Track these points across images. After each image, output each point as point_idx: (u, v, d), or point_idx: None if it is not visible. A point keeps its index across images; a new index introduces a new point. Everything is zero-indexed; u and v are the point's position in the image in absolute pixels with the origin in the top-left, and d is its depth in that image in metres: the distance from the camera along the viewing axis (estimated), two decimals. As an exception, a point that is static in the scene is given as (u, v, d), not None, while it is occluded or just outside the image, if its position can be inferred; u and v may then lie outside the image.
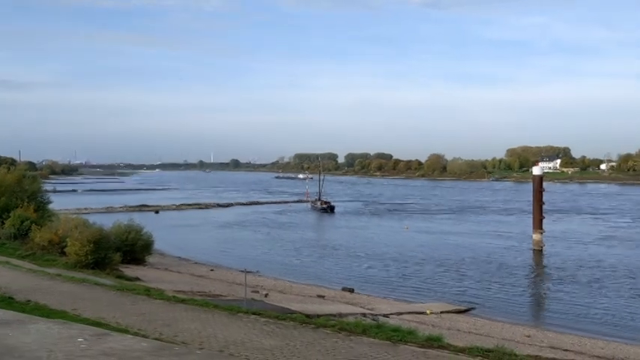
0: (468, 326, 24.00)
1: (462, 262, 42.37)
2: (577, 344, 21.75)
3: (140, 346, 3.72)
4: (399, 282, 35.94)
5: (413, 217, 79.31)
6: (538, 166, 55.15)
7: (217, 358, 5.83)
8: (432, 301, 29.86)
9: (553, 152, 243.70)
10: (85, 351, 3.77)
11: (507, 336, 22.26)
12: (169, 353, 3.76)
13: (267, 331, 12.89)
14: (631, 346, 21.90)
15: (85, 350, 3.78)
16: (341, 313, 22.70)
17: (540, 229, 47.78)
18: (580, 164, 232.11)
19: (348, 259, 44.39)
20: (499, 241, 53.43)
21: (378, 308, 26.32)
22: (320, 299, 28.39)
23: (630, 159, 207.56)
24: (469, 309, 28.69)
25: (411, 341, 11.70)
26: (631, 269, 38.45)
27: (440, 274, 38.00)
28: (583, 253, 45.60)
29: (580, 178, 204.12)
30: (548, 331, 24.69)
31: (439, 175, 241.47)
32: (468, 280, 36.04)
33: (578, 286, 33.76)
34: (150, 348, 3.71)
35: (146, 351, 3.55)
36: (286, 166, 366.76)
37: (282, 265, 42.56)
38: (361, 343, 11.65)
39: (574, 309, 28.89)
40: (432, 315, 25.91)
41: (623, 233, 58.45)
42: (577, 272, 37.89)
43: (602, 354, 19.84)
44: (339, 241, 55.47)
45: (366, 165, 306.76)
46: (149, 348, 3.70)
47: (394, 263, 42.15)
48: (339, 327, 13.07)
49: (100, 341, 3.89)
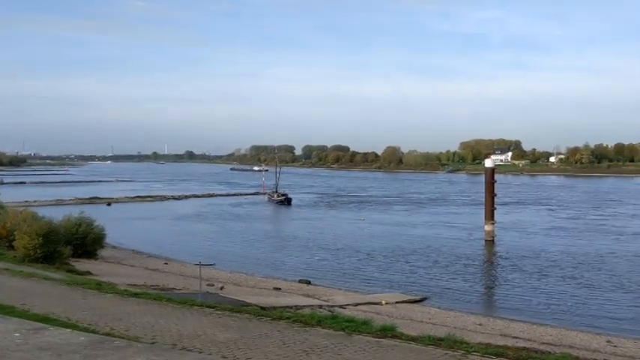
0: (421, 316, 24.38)
1: (416, 252, 42.99)
2: (526, 331, 22.35)
3: (78, 340, 3.59)
4: (355, 273, 36.20)
5: (369, 209, 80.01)
6: (490, 158, 56.45)
7: (155, 351, 5.69)
8: (387, 292, 30.20)
9: (505, 145, 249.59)
10: (20, 346, 3.61)
11: (460, 324, 22.71)
12: (107, 347, 3.64)
13: (222, 324, 12.74)
14: (576, 332, 22.66)
15: (20, 345, 3.62)
16: (297, 305, 22.69)
17: (492, 220, 48.90)
18: (530, 157, 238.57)
19: (304, 251, 44.46)
20: (452, 232, 54.45)
21: (335, 299, 26.45)
22: (276, 291, 28.34)
23: (578, 152, 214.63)
24: (423, 299, 29.14)
25: (365, 331, 11.76)
26: (576, 258, 39.77)
27: (395, 265, 38.46)
28: (532, 243, 46.91)
29: (530, 170, 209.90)
30: (499, 319, 25.27)
31: (395, 167, 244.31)
32: (422, 271, 36.59)
33: (528, 275, 34.71)
34: (87, 342, 3.58)
35: (83, 345, 3.43)
36: (242, 158, 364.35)
37: (238, 257, 42.30)
38: (316, 335, 11.65)
39: (523, 297, 29.69)
40: (387, 305, 26.20)
41: (570, 224, 60.38)
42: (526, 262, 38.96)
43: (550, 340, 20.44)
44: (296, 233, 55.49)
45: (324, 157, 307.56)
46: (86, 342, 3.58)
47: (350, 255, 42.44)
48: (294, 319, 13.04)
49: (37, 336, 3.74)
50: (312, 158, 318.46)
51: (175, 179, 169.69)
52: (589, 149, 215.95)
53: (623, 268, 36.45)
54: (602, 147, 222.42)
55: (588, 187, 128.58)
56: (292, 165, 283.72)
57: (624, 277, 33.82)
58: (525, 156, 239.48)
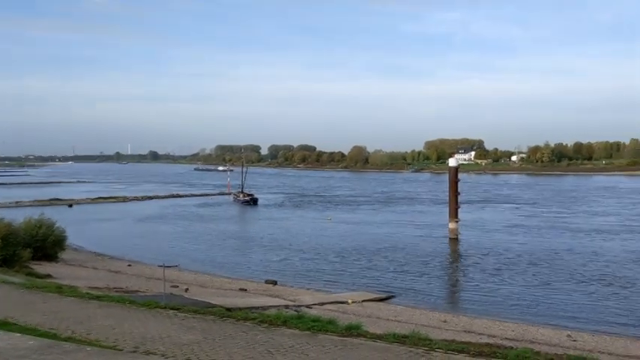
0: (388, 314, 24.54)
1: (382, 251, 43.28)
2: (490, 327, 22.70)
3: (26, 345, 3.49)
4: (322, 273, 36.22)
5: (336, 209, 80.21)
6: (454, 158, 57.08)
7: (106, 354, 5.57)
8: (354, 291, 30.30)
9: (468, 144, 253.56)
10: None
11: (425, 322, 22.93)
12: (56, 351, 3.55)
13: (186, 326, 12.61)
14: (538, 327, 23.13)
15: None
16: (263, 305, 22.57)
17: (456, 218, 49.58)
18: (493, 156, 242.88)
19: (271, 252, 44.30)
20: (417, 231, 55.02)
21: (301, 299, 26.41)
22: (242, 292, 28.15)
23: (538, 151, 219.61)
24: (389, 297, 29.34)
25: (330, 331, 11.79)
26: (537, 255, 40.61)
27: (361, 264, 38.64)
28: (495, 241, 47.73)
29: (493, 169, 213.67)
30: (464, 315, 25.62)
31: (361, 166, 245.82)
32: (388, 269, 36.85)
33: (491, 272, 35.29)
34: (37, 346, 3.49)
35: (32, 349, 3.34)
36: (207, 158, 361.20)
37: (204, 258, 41.90)
38: (281, 335, 11.62)
39: (487, 294, 30.16)
40: (353, 304, 26.29)
41: (531, 221, 61.65)
42: (489, 259, 39.62)
43: (512, 336, 20.80)
44: (262, 233, 55.26)
45: (290, 157, 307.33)
46: (36, 346, 3.49)
47: (317, 254, 42.47)
48: (259, 319, 12.98)
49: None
50: (278, 158, 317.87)
51: (138, 180, 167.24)
52: (549, 148, 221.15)
53: (581, 264, 37.37)
54: (561, 146, 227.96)
55: (549, 185, 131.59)
56: (258, 165, 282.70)
57: (582, 273, 34.67)
58: (488, 155, 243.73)
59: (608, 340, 21.19)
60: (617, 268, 35.70)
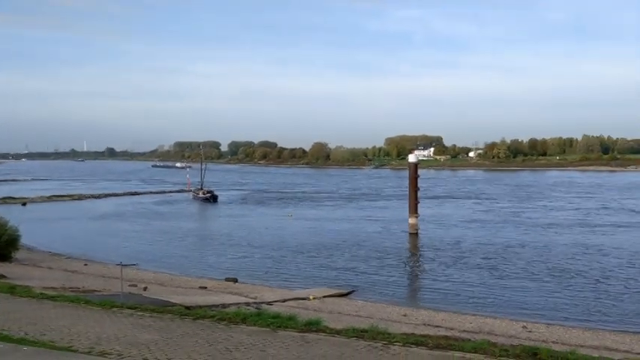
0: (349, 309, 24.65)
1: (344, 247, 43.48)
2: (448, 320, 23.06)
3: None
4: (284, 269, 36.16)
5: (297, 205, 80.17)
6: (414, 154, 57.69)
7: (42, 355, 5.38)
8: (315, 287, 30.35)
9: (428, 141, 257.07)
10: None
11: (385, 316, 23.14)
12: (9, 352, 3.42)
13: (144, 325, 12.41)
14: (494, 320, 23.61)
15: None
16: (224, 303, 22.37)
17: (416, 214, 50.16)
18: (451, 152, 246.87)
19: (231, 249, 43.97)
20: (378, 226, 55.47)
21: (262, 296, 26.30)
22: (202, 290, 27.86)
23: (495, 147, 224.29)
24: (350, 292, 29.48)
25: (290, 327, 11.79)
26: (494, 249, 41.50)
27: (323, 260, 38.73)
28: (454, 235, 48.50)
29: (451, 165, 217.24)
30: (423, 309, 25.93)
31: (323, 163, 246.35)
32: (349, 264, 37.03)
33: (450, 266, 35.86)
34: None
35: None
36: (166, 154, 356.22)
37: (163, 257, 41.27)
38: (241, 332, 11.56)
39: (446, 287, 30.63)
40: (314, 300, 26.31)
41: (489, 216, 62.93)
42: (448, 253, 40.25)
43: (470, 328, 21.19)
44: (222, 230, 54.83)
45: (251, 153, 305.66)
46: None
47: (278, 251, 42.37)
48: (219, 317, 12.89)
49: None
50: (238, 154, 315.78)
51: (95, 177, 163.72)
52: (505, 144, 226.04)
53: (536, 257, 38.33)
54: (517, 142, 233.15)
55: (506, 180, 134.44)
56: (218, 161, 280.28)
57: (536, 266, 35.56)
58: (447, 151, 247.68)
59: (562, 331, 21.79)
60: (569, 261, 36.75)
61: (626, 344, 19.58)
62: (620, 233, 48.51)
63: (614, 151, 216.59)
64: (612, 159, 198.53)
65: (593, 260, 36.83)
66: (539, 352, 10.52)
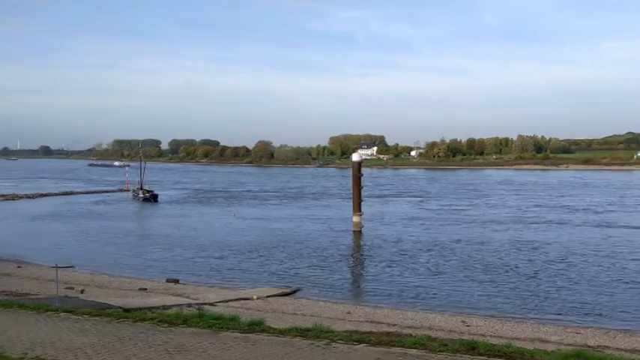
0: (293, 308, 24.63)
1: (287, 246, 43.41)
2: (391, 316, 23.41)
3: None
4: (226, 269, 35.76)
5: (241, 204, 79.50)
6: (357, 153, 58.22)
7: None
8: (258, 286, 30.17)
9: (371, 140, 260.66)
10: None
11: (329, 314, 23.25)
12: None
13: (80, 329, 11.99)
14: (435, 315, 24.13)
15: None
16: (165, 305, 21.94)
17: (359, 212, 50.65)
18: (394, 151, 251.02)
19: (172, 250, 43.13)
20: (323, 225, 55.69)
21: (204, 297, 25.94)
22: (142, 292, 27.23)
23: (435, 146, 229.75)
24: (294, 291, 29.46)
25: (233, 328, 11.66)
26: (435, 246, 42.42)
27: (267, 259, 38.54)
28: (396, 233, 49.27)
29: (394, 164, 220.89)
30: (366, 306, 26.21)
31: (267, 161, 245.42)
32: (293, 263, 37.01)
33: (392, 263, 36.38)
34: None
35: None
36: (104, 153, 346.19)
37: (101, 258, 40.03)
38: (182, 334, 11.34)
39: (389, 284, 31.05)
40: (258, 300, 26.16)
41: (430, 214, 64.28)
42: (391, 250, 40.84)
43: (412, 324, 21.58)
44: (163, 230, 53.74)
45: (192, 152, 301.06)
46: None
47: (221, 251, 41.88)
48: (158, 319, 12.60)
49: None
50: (179, 153, 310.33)
51: (29, 176, 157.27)
52: (445, 144, 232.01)
53: (474, 253, 39.42)
54: (456, 142, 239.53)
55: (446, 179, 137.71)
56: (158, 160, 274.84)
57: (475, 262, 36.59)
58: (389, 150, 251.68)
59: (499, 324, 22.48)
60: (505, 257, 37.98)
61: (558, 335, 20.40)
62: (552, 230, 50.48)
63: (547, 151, 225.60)
64: (545, 158, 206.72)
65: (527, 256, 38.18)
66: (477, 346, 10.80)
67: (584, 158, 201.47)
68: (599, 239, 44.46)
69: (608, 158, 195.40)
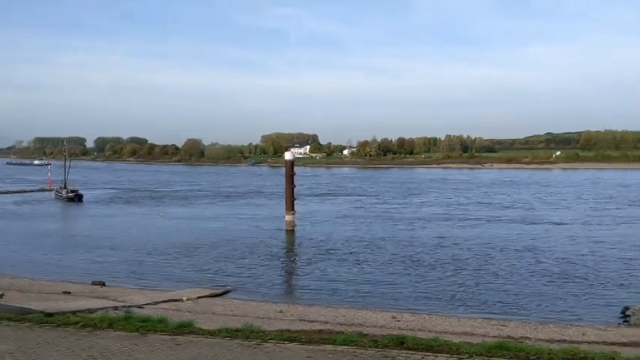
0: (223, 309, 24.34)
1: (219, 245, 42.87)
2: (323, 314, 23.52)
3: None
4: (155, 271, 34.90)
5: (171, 204, 77.93)
6: (290, 151, 58.23)
7: None
8: (188, 287, 29.62)
9: (304, 139, 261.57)
10: None
11: (261, 314, 23.12)
12: None
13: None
14: (366, 311, 24.45)
15: None
16: (90, 308, 21.11)
17: (292, 211, 50.68)
18: (327, 150, 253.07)
19: (98, 251, 41.67)
20: (254, 224, 55.37)
21: (132, 300, 25.19)
22: (66, 295, 26.12)
23: (367, 145, 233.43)
24: (225, 292, 29.11)
25: (161, 330, 11.39)
26: (367, 243, 43.06)
27: (197, 260, 37.90)
28: (329, 231, 49.65)
29: (327, 162, 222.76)
30: (299, 305, 26.25)
31: (197, 160, 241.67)
32: (225, 263, 36.58)
33: (325, 261, 36.64)
34: None
35: None
36: (25, 151, 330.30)
37: (22, 261, 38.14)
38: (107, 338, 10.97)
39: (321, 282, 31.23)
40: (188, 301, 25.70)
41: (363, 212, 65.22)
42: (323, 248, 41.11)
43: (343, 321, 21.77)
44: (88, 231, 51.85)
45: (119, 150, 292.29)
46: None
47: (150, 252, 40.82)
48: (82, 323, 12.13)
49: None
50: (106, 151, 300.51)
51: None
52: (376, 143, 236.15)
53: (404, 250, 40.30)
54: (387, 141, 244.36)
55: (378, 177, 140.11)
56: (83, 158, 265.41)
57: (405, 258, 37.40)
58: (322, 149, 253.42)
59: (427, 319, 23.05)
60: (433, 253, 39.04)
61: (483, 328, 21.15)
62: (480, 227, 52.31)
63: (473, 150, 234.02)
64: (471, 157, 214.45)
65: (455, 252, 39.38)
66: (405, 340, 11.03)
67: (507, 157, 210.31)
68: (522, 235, 46.50)
69: (529, 157, 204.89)
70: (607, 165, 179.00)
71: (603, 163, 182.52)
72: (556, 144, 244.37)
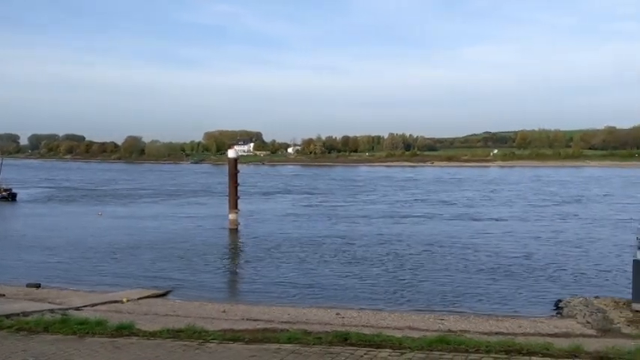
0: (165, 309, 23.93)
1: (161, 245, 42.05)
2: (267, 313, 23.47)
3: None
4: (94, 272, 33.92)
5: (110, 203, 75.92)
6: (233, 149, 57.70)
7: None
8: (129, 288, 28.94)
9: (247, 136, 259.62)
10: None
11: (204, 314, 22.86)
12: None
13: None
14: (311, 309, 24.55)
15: None
16: (24, 311, 20.30)
17: (236, 209, 50.25)
18: (271, 148, 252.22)
19: (33, 252, 40.11)
20: (197, 223, 54.62)
21: (70, 302, 24.43)
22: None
23: (312, 143, 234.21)
24: (167, 292, 28.61)
25: (99, 332, 11.07)
26: (310, 241, 43.23)
27: (137, 259, 37.05)
28: (273, 230, 49.52)
29: (271, 160, 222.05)
30: (243, 304, 26.09)
31: (137, 157, 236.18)
32: (167, 263, 35.91)
33: (268, 260, 36.54)
34: None
35: None
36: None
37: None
38: (43, 342, 10.58)
39: (265, 280, 31.14)
40: (128, 303, 25.14)
41: (308, 210, 65.39)
42: (267, 247, 40.97)
43: (288, 319, 21.79)
44: (22, 232, 49.85)
45: (55, 147, 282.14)
46: None
47: (88, 252, 39.60)
48: (17, 327, 11.66)
49: None
50: (40, 149, 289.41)
51: None
52: (321, 141, 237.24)
53: (348, 247, 40.70)
54: (331, 139, 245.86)
55: (322, 175, 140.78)
56: (17, 156, 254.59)
57: (348, 255, 37.80)
58: (266, 147, 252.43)
59: (371, 315, 23.37)
60: (377, 249, 39.60)
61: (425, 323, 21.63)
62: (422, 223, 53.40)
63: (415, 148, 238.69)
64: (413, 155, 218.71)
65: (398, 248, 40.03)
66: (349, 336, 11.14)
67: (447, 155, 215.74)
68: (463, 231, 47.74)
69: (468, 155, 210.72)
70: (541, 163, 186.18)
71: (538, 161, 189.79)
72: (493, 143, 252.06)
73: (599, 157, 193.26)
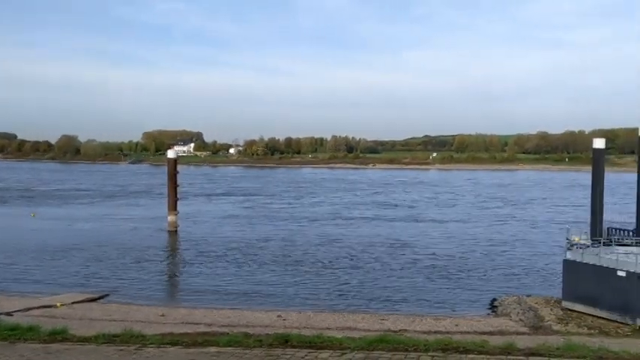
0: (101, 314, 23.29)
1: (95, 247, 40.80)
2: (208, 316, 23.20)
3: None
4: (26, 275, 32.59)
5: (44, 203, 73.05)
6: (173, 149, 56.73)
7: None
8: (63, 293, 27.95)
9: (188, 136, 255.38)
10: None
11: (142, 318, 22.36)
12: None
13: None
14: (252, 312, 24.48)
15: None
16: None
17: (175, 211, 49.37)
18: (212, 148, 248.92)
19: (-41, 255, 38.13)
20: (135, 224, 53.32)
21: (0, 307, 23.38)
22: None
23: (254, 144, 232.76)
24: (103, 296, 27.82)
25: (31, 338, 10.66)
26: (250, 244, 43.05)
27: (71, 262, 35.84)
28: (213, 232, 48.97)
29: (212, 161, 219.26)
30: (182, 307, 25.71)
31: (72, 157, 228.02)
32: (102, 266, 34.91)
33: (208, 262, 36.11)
34: None
35: None
36: None
37: None
38: (-31, 350, 10.08)
39: (205, 284, 30.77)
40: (63, 307, 24.32)
41: (249, 212, 64.98)
42: (207, 249, 40.47)
43: (228, 322, 21.60)
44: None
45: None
46: None
47: (18, 255, 37.97)
48: (-60, 335, 11.06)
49: None
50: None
51: None
52: (264, 142, 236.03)
53: (287, 250, 40.77)
54: (274, 140, 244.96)
55: (265, 177, 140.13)
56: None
57: (288, 257, 37.88)
58: (207, 147, 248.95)
59: (312, 316, 23.50)
60: (318, 252, 39.87)
61: (366, 323, 21.93)
62: (365, 225, 54.03)
63: (358, 150, 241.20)
64: (356, 157, 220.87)
65: (338, 250, 40.41)
66: (290, 338, 11.17)
67: (389, 158, 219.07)
68: (403, 233, 48.63)
69: (409, 158, 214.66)
70: (478, 166, 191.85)
71: (474, 164, 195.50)
72: (433, 146, 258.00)
73: (532, 161, 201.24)
